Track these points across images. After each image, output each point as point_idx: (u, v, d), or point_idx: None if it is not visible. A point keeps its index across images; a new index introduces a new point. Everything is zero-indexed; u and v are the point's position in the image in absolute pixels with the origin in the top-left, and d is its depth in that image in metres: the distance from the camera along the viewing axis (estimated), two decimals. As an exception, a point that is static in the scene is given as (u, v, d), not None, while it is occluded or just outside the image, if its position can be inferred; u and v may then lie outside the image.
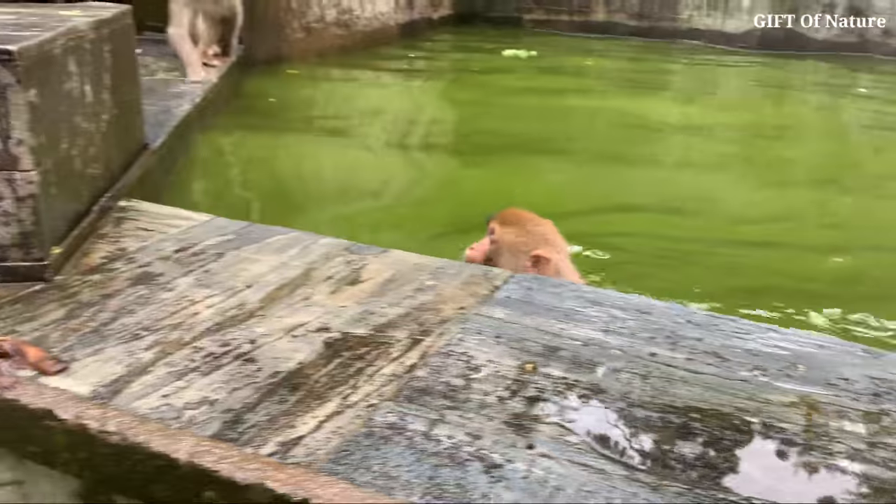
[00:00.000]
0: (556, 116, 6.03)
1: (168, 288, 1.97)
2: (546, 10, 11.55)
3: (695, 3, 10.92)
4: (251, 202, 3.64)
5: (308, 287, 2.02)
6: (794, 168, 5.10)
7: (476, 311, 1.90)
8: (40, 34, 2.04)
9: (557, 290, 2.04)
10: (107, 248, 2.21)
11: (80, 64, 2.29)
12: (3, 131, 1.87)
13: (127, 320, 1.80)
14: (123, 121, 2.77)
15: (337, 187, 4.14)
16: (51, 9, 2.72)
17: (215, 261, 2.16)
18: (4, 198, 1.93)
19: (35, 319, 1.79)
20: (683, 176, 4.62)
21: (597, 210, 3.83)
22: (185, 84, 4.83)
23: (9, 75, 1.84)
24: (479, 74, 8.07)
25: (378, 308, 1.91)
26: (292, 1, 7.41)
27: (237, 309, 1.88)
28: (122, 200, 2.58)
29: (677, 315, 1.94)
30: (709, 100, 7.41)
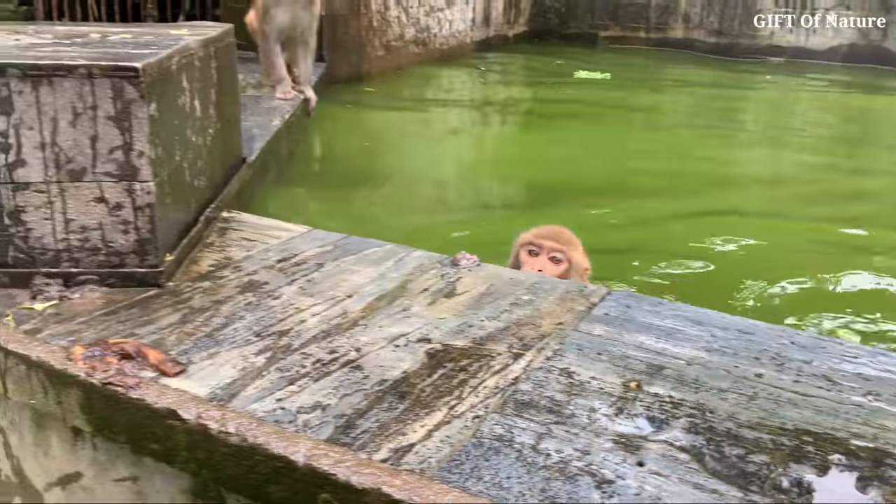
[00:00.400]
0: (622, 155, 5.77)
1: (274, 296, 2.04)
2: (622, 26, 11.48)
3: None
4: (343, 214, 3.72)
5: (406, 298, 2.06)
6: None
7: (575, 327, 1.90)
8: (158, 52, 2.15)
9: (656, 308, 2.03)
10: (214, 257, 2.30)
11: (191, 80, 2.40)
12: (125, 143, 1.98)
13: (238, 325, 1.87)
14: (225, 135, 2.88)
15: (421, 198, 4.21)
16: (161, 28, 2.86)
17: (317, 271, 2.22)
18: (124, 206, 2.03)
19: (152, 323, 1.88)
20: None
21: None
22: (275, 100, 4.99)
23: (133, 91, 1.94)
24: (547, 104, 8.04)
25: (476, 321, 1.93)
26: (373, 21, 7.57)
27: (341, 318, 1.93)
28: (225, 211, 2.68)
29: (781, 336, 1.90)
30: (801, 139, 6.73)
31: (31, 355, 1.71)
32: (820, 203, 4.44)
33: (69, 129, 1.95)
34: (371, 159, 4.96)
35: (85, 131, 1.96)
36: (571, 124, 6.29)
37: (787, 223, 4.11)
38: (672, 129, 6.57)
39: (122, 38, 2.42)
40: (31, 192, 1.99)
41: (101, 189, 2.01)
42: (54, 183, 1.99)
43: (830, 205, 4.51)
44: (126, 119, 1.96)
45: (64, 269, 2.04)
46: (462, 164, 5.16)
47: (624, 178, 4.82)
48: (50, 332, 1.81)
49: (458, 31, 9.35)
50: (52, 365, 1.67)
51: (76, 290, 2.02)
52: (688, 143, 5.94)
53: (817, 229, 4.01)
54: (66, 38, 2.38)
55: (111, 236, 2.05)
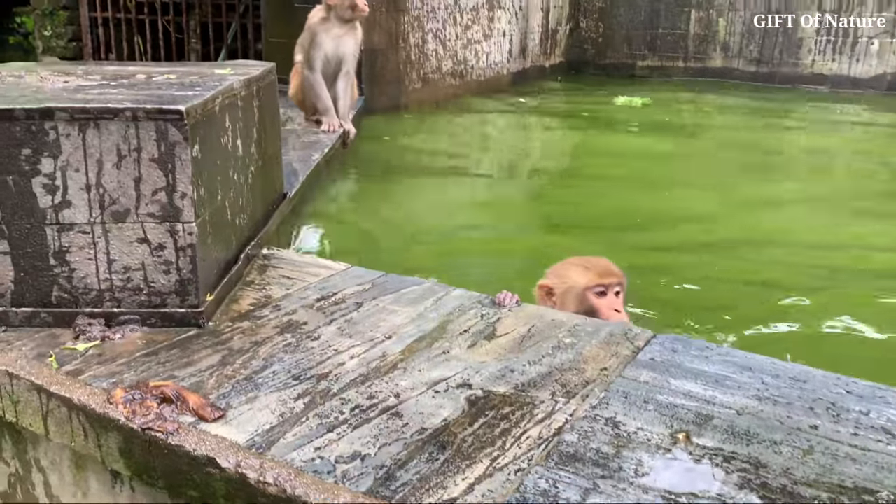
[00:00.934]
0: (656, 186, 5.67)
1: (314, 336, 2.03)
2: (660, 56, 11.43)
3: (818, 47, 10.54)
4: (381, 249, 3.72)
5: (446, 340, 2.03)
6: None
7: (620, 372, 1.85)
8: (202, 93, 2.17)
9: (703, 352, 1.97)
10: (254, 296, 2.30)
11: (234, 120, 2.42)
12: (169, 185, 1.99)
13: (277, 368, 1.85)
14: (267, 171, 2.90)
15: (459, 233, 4.19)
16: (205, 68, 2.90)
17: (356, 310, 2.20)
18: (166, 247, 2.04)
19: (192, 365, 1.87)
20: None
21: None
22: (314, 134, 5.04)
23: (177, 133, 1.96)
24: (588, 120, 8.03)
25: (518, 366, 1.89)
26: (412, 54, 7.65)
27: (380, 360, 1.90)
28: (265, 248, 2.69)
29: (836, 384, 1.82)
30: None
31: (72, 398, 1.71)
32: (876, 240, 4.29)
33: (114, 171, 1.97)
34: (408, 194, 4.96)
35: (129, 173, 1.98)
36: (617, 162, 6.24)
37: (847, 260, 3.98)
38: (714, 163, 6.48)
39: (167, 79, 2.45)
40: (75, 233, 2.01)
41: (144, 230, 2.02)
42: (98, 224, 2.01)
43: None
44: (170, 161, 1.98)
45: (106, 309, 2.06)
46: (504, 199, 5.14)
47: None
48: (92, 373, 1.82)
49: (496, 63, 9.39)
50: (93, 408, 1.67)
51: (118, 329, 2.03)
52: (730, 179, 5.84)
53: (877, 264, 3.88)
54: (112, 80, 2.42)
55: (153, 276, 2.06)
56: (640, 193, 5.05)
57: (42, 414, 1.78)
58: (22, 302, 2.04)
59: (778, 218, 4.65)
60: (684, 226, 4.39)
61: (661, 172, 5.62)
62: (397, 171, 5.41)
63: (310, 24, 5.22)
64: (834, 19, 10.39)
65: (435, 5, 7.95)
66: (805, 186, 5.57)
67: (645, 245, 3.98)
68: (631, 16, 11.47)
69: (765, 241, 4.18)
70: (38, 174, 1.96)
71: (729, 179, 5.53)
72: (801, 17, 10.54)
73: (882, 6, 10.10)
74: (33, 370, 1.82)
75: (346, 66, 5.30)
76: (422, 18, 7.77)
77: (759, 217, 4.64)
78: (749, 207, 4.83)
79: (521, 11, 9.85)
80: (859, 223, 4.54)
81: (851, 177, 5.97)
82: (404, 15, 7.47)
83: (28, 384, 1.79)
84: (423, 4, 7.75)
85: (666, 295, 3.37)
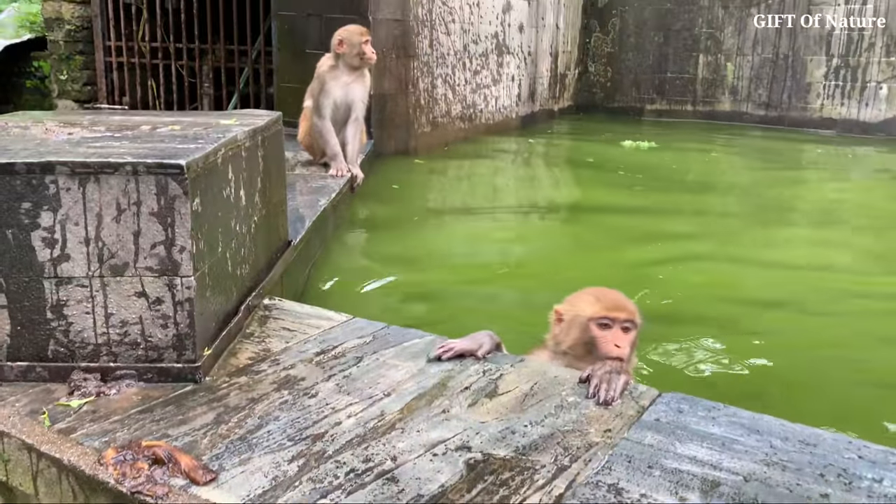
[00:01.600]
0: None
1: (311, 394, 1.99)
2: (669, 100, 11.49)
3: (827, 91, 10.58)
4: (385, 297, 3.69)
5: (446, 398, 1.99)
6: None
7: (624, 434, 1.80)
8: (204, 146, 2.17)
9: (710, 413, 1.91)
10: (253, 349, 2.27)
11: (237, 170, 2.42)
12: (168, 239, 1.98)
13: (272, 427, 1.81)
14: (271, 220, 2.89)
15: (463, 283, 4.15)
16: (212, 117, 2.92)
17: (355, 365, 2.17)
18: (164, 301, 2.02)
19: (186, 423, 1.84)
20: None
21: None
22: (322, 178, 5.05)
23: (177, 187, 1.96)
24: (594, 163, 8.05)
25: (520, 426, 1.84)
26: (421, 99, 7.71)
27: (378, 420, 1.86)
28: (267, 298, 2.67)
29: (848, 449, 1.76)
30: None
31: (62, 458, 1.68)
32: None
33: (113, 225, 1.97)
34: (415, 239, 4.95)
35: (128, 227, 1.97)
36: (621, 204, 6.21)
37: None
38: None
39: (172, 131, 2.46)
40: (73, 287, 1.99)
41: (143, 283, 2.00)
42: (97, 277, 1.99)
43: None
44: (169, 215, 1.97)
45: (102, 364, 2.03)
46: (510, 248, 5.11)
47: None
48: (84, 431, 1.78)
49: (504, 107, 9.45)
50: (83, 469, 1.64)
51: (113, 385, 2.00)
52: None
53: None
54: (117, 131, 2.43)
55: (150, 331, 2.03)
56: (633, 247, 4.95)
57: (32, 474, 1.74)
58: (18, 356, 2.02)
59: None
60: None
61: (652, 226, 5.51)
62: (404, 216, 5.40)
63: (319, 72, 5.28)
64: (842, 64, 10.44)
65: (444, 51, 8.04)
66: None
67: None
68: (639, 60, 11.57)
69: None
70: (38, 228, 1.96)
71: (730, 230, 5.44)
72: (809, 61, 10.60)
73: (889, 51, 10.14)
74: (25, 428, 1.79)
75: (355, 112, 5.34)
76: (431, 64, 7.85)
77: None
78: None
79: (529, 57, 9.94)
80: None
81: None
82: (414, 61, 7.54)
83: (19, 443, 1.76)
84: (433, 50, 7.83)
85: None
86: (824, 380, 3.09)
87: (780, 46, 10.82)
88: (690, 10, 11.23)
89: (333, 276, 3.85)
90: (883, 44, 10.17)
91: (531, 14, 9.86)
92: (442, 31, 7.96)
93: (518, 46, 9.58)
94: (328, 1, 6.80)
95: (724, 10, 11.07)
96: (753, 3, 10.89)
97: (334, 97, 5.22)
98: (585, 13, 11.68)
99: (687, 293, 3.94)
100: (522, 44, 9.66)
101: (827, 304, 3.87)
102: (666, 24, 11.36)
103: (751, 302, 3.86)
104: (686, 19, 11.28)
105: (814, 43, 10.59)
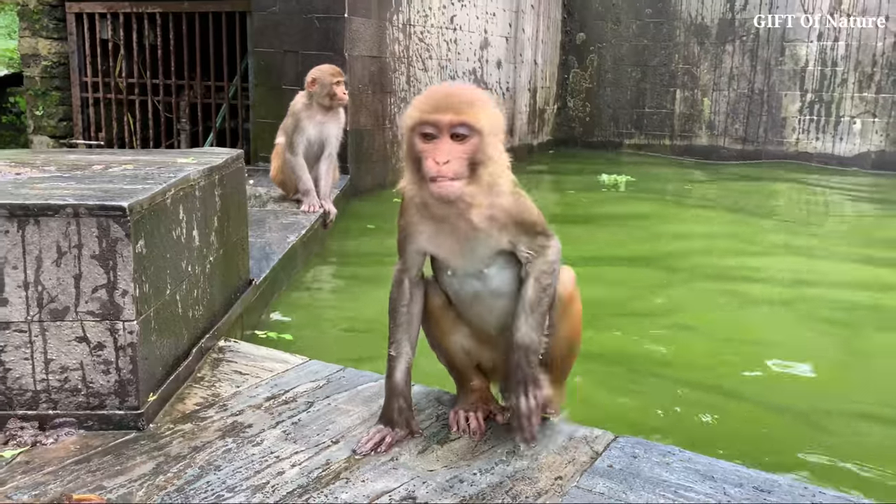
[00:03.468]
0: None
1: (255, 442, 1.93)
2: (647, 134, 11.59)
3: (802, 126, 10.71)
4: (347, 337, 3.62)
5: (396, 445, 1.93)
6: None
7: (575, 482, 1.75)
8: (152, 186, 2.14)
9: (665, 458, 1.87)
10: (201, 394, 2.21)
11: (189, 210, 2.38)
12: (109, 282, 1.93)
13: (212, 478, 1.75)
14: (229, 259, 2.85)
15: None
16: (168, 156, 2.88)
17: (305, 411, 2.11)
18: (105, 346, 1.97)
19: (123, 473, 1.77)
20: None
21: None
22: (294, 215, 5.01)
23: (119, 230, 1.91)
24: (574, 196, 8.07)
25: (468, 475, 1.79)
26: (398, 134, 7.72)
27: (322, 469, 1.81)
28: (222, 340, 2.61)
29: (803, 495, 1.72)
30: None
31: (-13, 514, 1.61)
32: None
33: (53, 268, 1.92)
34: (385, 278, 4.91)
35: (69, 270, 1.92)
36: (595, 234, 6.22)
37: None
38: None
39: (123, 171, 2.42)
40: (11, 332, 1.93)
41: (84, 328, 1.95)
42: (36, 322, 1.94)
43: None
44: (111, 258, 1.92)
45: (41, 412, 1.97)
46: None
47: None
48: (14, 484, 1.71)
49: (483, 142, 9.49)
50: (6, 526, 1.57)
51: (52, 433, 1.93)
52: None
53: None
54: (67, 171, 2.39)
55: (91, 377, 1.97)
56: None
57: (-44, 530, 1.67)
58: (-48, 404, 1.95)
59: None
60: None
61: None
62: (376, 254, 5.35)
63: (293, 110, 5.26)
64: (816, 99, 10.59)
65: (421, 87, 8.07)
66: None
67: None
68: (617, 95, 11.69)
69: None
70: (-25, 271, 1.90)
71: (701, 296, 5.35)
72: (784, 96, 10.75)
73: (862, 87, 10.31)
74: (-48, 481, 1.72)
75: (329, 148, 5.33)
76: (408, 100, 7.87)
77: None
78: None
79: (508, 93, 10.02)
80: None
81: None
82: (390, 96, 7.58)
83: (-57, 497, 1.69)
84: (410, 87, 7.88)
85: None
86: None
87: (756, 82, 10.97)
88: (667, 47, 11.39)
89: (297, 315, 3.78)
90: (855, 80, 10.34)
91: (509, 50, 9.95)
92: (419, 67, 8.01)
93: (496, 82, 9.66)
94: (305, 38, 6.84)
95: (699, 47, 11.23)
96: (728, 40, 11.06)
97: (308, 134, 5.20)
98: (564, 49, 11.81)
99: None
100: (500, 80, 9.74)
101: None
102: (643, 60, 11.50)
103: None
104: (663, 55, 11.42)
105: (788, 78, 10.74)
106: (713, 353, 3.61)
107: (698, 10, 11.19)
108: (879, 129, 10.32)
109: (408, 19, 7.71)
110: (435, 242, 1.89)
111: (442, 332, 2.03)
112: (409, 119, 1.78)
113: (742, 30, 10.97)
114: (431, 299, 2.00)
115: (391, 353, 1.96)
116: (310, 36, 6.83)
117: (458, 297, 1.97)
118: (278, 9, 6.91)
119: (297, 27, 6.88)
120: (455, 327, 2.02)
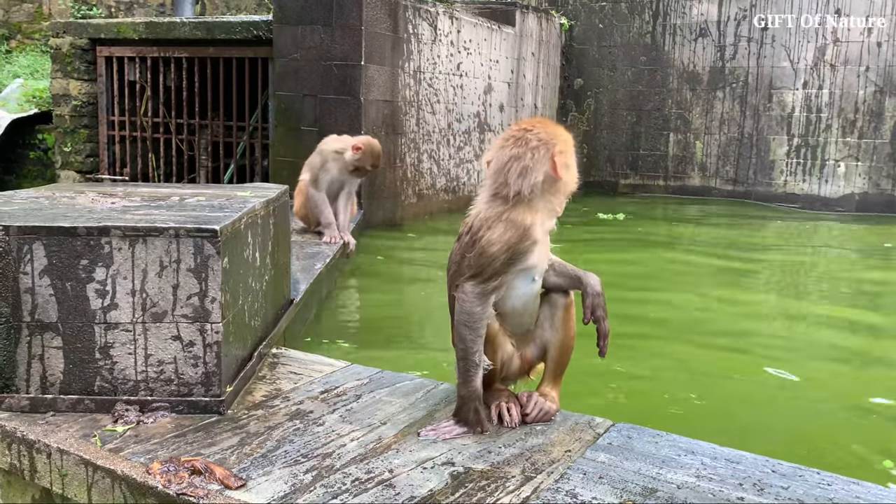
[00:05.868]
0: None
1: (319, 423, 2.35)
2: (641, 175, 12.13)
3: (789, 168, 11.25)
4: (377, 350, 4.06)
5: (433, 426, 2.35)
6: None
7: (582, 454, 2.17)
8: (231, 214, 2.58)
9: (654, 439, 2.29)
10: (266, 389, 2.63)
11: (254, 235, 2.83)
12: (201, 291, 2.37)
13: (288, 448, 2.17)
14: (277, 280, 3.29)
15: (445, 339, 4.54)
16: (227, 190, 3.34)
17: (355, 401, 2.53)
18: (196, 344, 2.39)
19: (215, 445, 2.19)
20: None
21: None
22: (317, 245, 5.46)
23: (211, 248, 2.36)
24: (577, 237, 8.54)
25: (495, 447, 2.21)
26: (408, 172, 8.22)
27: (376, 443, 2.22)
28: (274, 348, 3.04)
29: (765, 465, 2.14)
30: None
31: (116, 470, 2.02)
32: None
33: (156, 279, 2.35)
34: (404, 300, 5.34)
35: (169, 280, 2.36)
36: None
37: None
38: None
39: (198, 202, 2.87)
40: (119, 331, 2.36)
41: (178, 329, 2.38)
42: (140, 323, 2.37)
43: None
44: (203, 271, 2.36)
45: (141, 398, 2.39)
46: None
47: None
48: (130, 450, 2.13)
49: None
50: (134, 478, 1.98)
51: (150, 415, 2.35)
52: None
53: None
54: (152, 202, 2.84)
55: (183, 369, 2.40)
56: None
57: (87, 485, 2.08)
58: (69, 390, 2.37)
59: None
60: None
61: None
62: (393, 279, 5.81)
63: (323, 149, 5.71)
64: (802, 143, 11.15)
65: (430, 129, 8.60)
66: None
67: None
68: (613, 138, 12.26)
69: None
70: (92, 281, 2.34)
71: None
72: (772, 140, 11.31)
73: (845, 132, 10.88)
74: (81, 447, 2.13)
75: (349, 186, 5.80)
76: (418, 140, 8.39)
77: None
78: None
79: (510, 133, 10.55)
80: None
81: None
82: (402, 137, 8.09)
83: (77, 459, 2.10)
84: (419, 128, 8.39)
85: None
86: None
87: (745, 126, 11.55)
88: (661, 92, 11.99)
89: (330, 331, 4.22)
90: (839, 125, 10.92)
91: (511, 95, 10.52)
92: (428, 110, 8.54)
93: (499, 124, 10.20)
94: (324, 83, 7.36)
95: (691, 93, 11.83)
96: (719, 87, 11.67)
97: (332, 175, 5.67)
98: (562, 94, 12.42)
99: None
100: (503, 122, 10.28)
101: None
102: (638, 104, 12.10)
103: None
104: (657, 100, 12.02)
105: (776, 123, 11.33)
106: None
107: (690, 59, 11.80)
108: (862, 172, 10.85)
109: (418, 66, 8.26)
110: (538, 255, 2.36)
111: (493, 350, 2.39)
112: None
113: (732, 77, 11.57)
114: (490, 322, 2.37)
115: (474, 362, 2.29)
116: (328, 81, 7.36)
117: (514, 308, 2.40)
118: (299, 56, 7.44)
119: (316, 73, 7.40)
120: (504, 341, 2.42)
